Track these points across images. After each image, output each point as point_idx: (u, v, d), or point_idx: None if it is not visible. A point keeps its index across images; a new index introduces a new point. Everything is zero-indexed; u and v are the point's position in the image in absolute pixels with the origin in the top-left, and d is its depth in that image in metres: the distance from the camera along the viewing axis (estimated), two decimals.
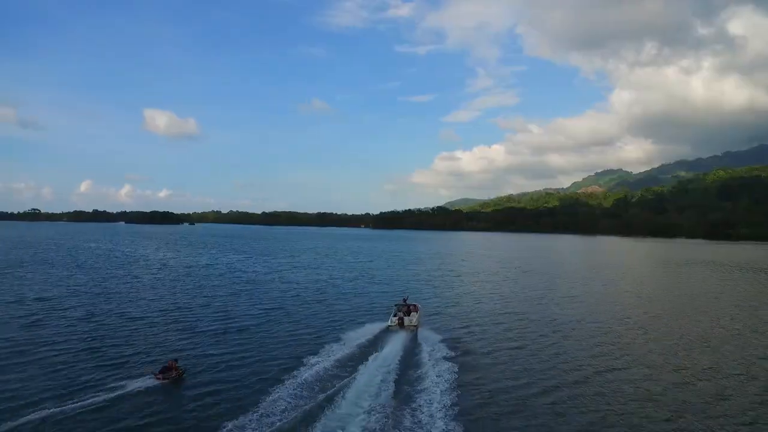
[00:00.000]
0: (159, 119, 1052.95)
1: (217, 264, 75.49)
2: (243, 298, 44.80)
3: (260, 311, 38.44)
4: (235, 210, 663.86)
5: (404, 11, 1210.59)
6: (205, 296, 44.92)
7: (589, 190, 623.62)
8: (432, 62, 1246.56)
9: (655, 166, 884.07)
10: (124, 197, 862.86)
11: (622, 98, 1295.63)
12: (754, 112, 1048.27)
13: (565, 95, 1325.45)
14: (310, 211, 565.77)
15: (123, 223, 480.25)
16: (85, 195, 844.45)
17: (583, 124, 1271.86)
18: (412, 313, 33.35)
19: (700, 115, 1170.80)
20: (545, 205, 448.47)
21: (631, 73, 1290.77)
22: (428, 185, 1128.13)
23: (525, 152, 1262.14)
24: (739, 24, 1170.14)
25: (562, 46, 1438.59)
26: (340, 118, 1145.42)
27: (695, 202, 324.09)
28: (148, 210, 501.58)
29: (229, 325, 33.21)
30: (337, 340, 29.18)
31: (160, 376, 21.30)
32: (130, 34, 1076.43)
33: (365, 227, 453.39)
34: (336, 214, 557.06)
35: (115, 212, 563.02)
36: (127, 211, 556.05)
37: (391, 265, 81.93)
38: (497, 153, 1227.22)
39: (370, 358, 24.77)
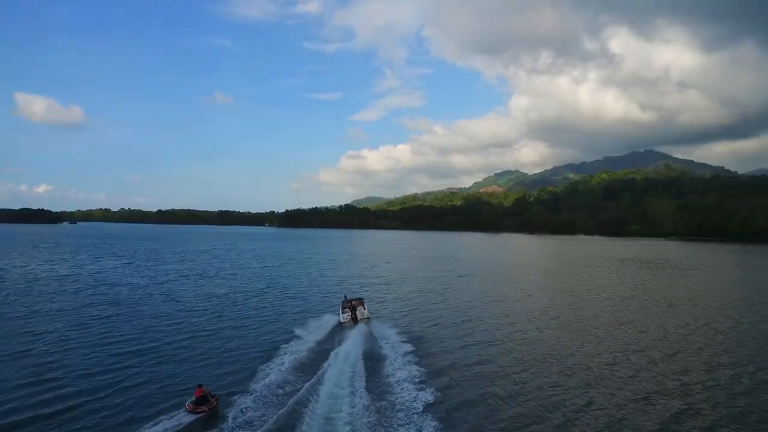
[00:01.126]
0: (35, 105, 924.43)
1: (79, 274, 56.14)
2: (96, 329, 29.16)
3: (117, 355, 24.17)
4: (127, 208, 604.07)
5: (313, 7, 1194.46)
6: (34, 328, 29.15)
7: (490, 189, 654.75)
8: (340, 60, 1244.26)
9: (548, 168, 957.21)
10: None
11: (520, 103, 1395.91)
12: (628, 123, 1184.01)
13: (469, 98, 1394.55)
14: (211, 210, 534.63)
15: None
16: None
17: (484, 127, 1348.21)
18: (358, 307, 33.64)
19: (586, 122, 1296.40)
20: (450, 204, 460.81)
21: (529, 80, 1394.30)
22: (334, 183, 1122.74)
23: (429, 152, 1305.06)
24: (618, 43, 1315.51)
25: (466, 50, 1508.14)
26: (245, 113, 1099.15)
27: (584, 202, 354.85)
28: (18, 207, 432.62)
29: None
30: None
31: (199, 408, 17.19)
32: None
33: (270, 226, 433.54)
34: (239, 212, 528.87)
35: None
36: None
37: (304, 270, 67.44)
38: (403, 153, 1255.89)
39: (332, 354, 24.36)
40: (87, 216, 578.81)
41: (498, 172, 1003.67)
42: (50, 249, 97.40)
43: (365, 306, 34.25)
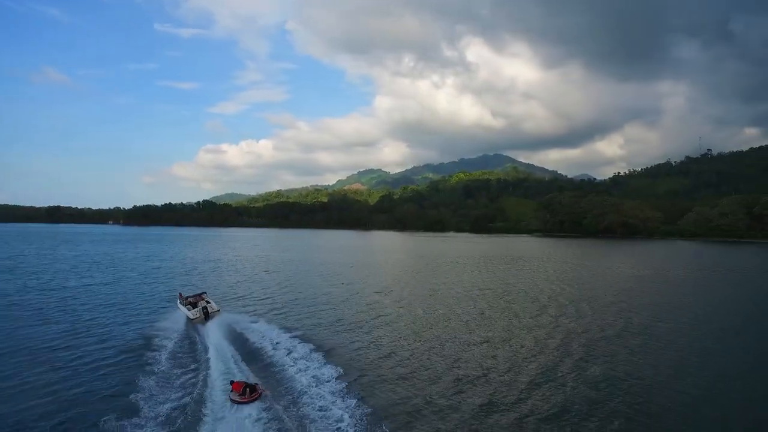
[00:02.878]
0: None
1: None
2: None
3: None
4: None
5: None
6: None
7: (353, 187, 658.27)
8: (197, 48, 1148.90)
9: (409, 167, 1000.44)
10: None
11: (383, 103, 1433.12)
12: (481, 128, 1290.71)
13: (334, 96, 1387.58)
14: (39, 205, 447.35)
15: None
16: None
17: (348, 125, 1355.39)
18: (201, 303, 32.45)
19: (444, 125, 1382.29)
20: (315, 201, 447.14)
21: (393, 82, 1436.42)
22: (191, 179, 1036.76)
23: (293, 149, 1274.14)
24: (473, 52, 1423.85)
25: (331, 48, 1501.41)
26: (85, 97, 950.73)
27: (446, 201, 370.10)
28: None
29: None
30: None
31: (245, 398, 17.52)
32: None
33: (114, 224, 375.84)
34: (76, 208, 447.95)
35: None
36: None
37: (148, 290, 43.92)
38: (265, 148, 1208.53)
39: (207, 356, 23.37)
40: None
41: (361, 170, 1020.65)
42: None
43: (209, 300, 33.46)
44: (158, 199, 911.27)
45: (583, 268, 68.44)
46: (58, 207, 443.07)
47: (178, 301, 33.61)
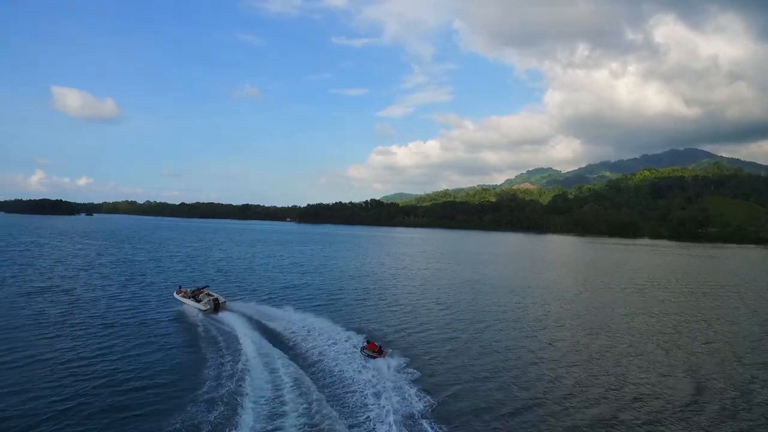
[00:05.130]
0: (70, 98, 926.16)
1: None
2: None
3: None
4: (153, 201, 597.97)
5: (341, 2, 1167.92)
6: None
7: (522, 186, 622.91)
8: (367, 56, 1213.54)
9: (582, 165, 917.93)
10: (36, 185, 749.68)
11: (554, 98, 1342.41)
12: (670, 118, 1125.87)
13: (500, 93, 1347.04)
14: (237, 203, 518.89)
15: (2, 213, 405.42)
16: None
17: (516, 123, 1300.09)
18: (206, 295, 34.17)
19: (623, 118, 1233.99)
20: (483, 200, 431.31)
21: (565, 74, 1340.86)
22: (363, 180, 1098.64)
23: (459, 148, 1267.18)
24: (663, 32, 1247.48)
25: (497, 43, 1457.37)
26: (273, 108, 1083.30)
27: (630, 201, 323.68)
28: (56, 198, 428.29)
29: None
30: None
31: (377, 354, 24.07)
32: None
33: (290, 221, 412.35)
34: (263, 206, 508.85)
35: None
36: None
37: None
38: (432, 148, 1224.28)
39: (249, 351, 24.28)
40: (113, 208, 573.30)
41: (530, 169, 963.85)
42: None
43: (211, 293, 35.15)
44: (331, 198, 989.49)
45: None
46: (248, 205, 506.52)
47: (179, 295, 34.91)
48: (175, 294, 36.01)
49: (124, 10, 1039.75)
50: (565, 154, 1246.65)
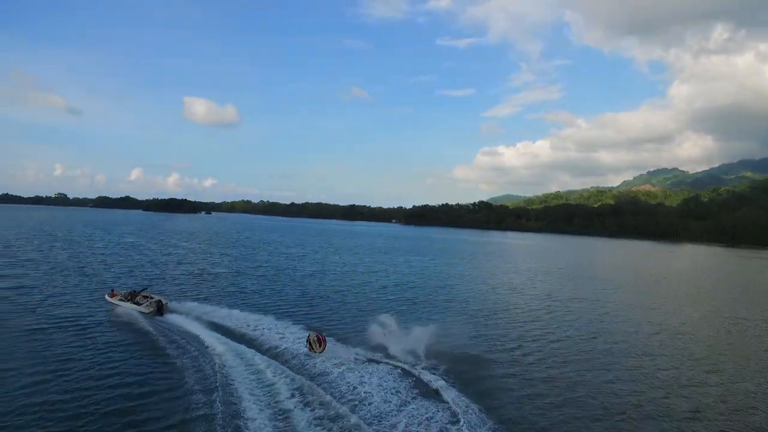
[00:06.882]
0: (198, 107, 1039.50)
1: None
2: None
3: None
4: (266, 201, 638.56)
5: (445, 3, 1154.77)
6: None
7: (644, 188, 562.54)
8: (472, 56, 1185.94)
9: (715, 164, 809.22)
10: (172, 186, 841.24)
11: (681, 91, 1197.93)
12: None
13: (616, 88, 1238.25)
14: (344, 203, 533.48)
15: (141, 211, 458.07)
16: (134, 182, 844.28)
17: (636, 119, 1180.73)
18: (144, 297, 32.66)
19: None
20: (601, 203, 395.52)
21: (696, 62, 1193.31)
22: (469, 180, 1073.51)
23: (571, 148, 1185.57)
24: None
25: (616, 34, 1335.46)
26: (379, 110, 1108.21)
27: None
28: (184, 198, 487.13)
29: None
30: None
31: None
32: (168, 22, 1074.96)
33: (395, 222, 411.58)
34: (368, 207, 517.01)
35: (142, 200, 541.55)
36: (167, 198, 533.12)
37: None
38: (541, 148, 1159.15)
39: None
40: (231, 207, 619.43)
41: (651, 169, 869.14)
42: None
43: (151, 294, 33.78)
44: (436, 199, 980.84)
45: None
46: (354, 206, 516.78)
47: (115, 299, 32.93)
48: (107, 297, 33.56)
49: (240, 22, 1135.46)
50: (693, 153, 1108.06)
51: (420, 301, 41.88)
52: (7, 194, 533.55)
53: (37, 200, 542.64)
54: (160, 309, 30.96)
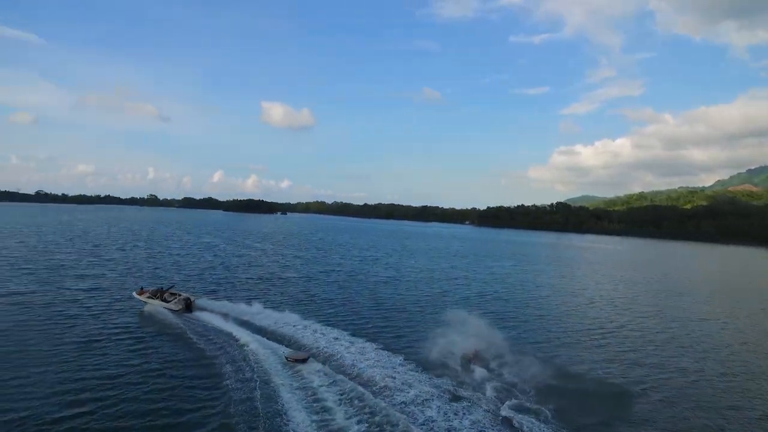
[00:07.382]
0: (275, 111, 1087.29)
1: None
2: None
3: None
4: (339, 201, 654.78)
5: None
6: None
7: (742, 188, 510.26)
8: (547, 52, 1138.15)
9: None
10: (251, 187, 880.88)
11: None
12: None
13: (711, 79, 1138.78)
14: (416, 204, 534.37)
15: (221, 211, 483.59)
16: (216, 184, 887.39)
17: (734, 112, 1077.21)
18: (171, 294, 32.67)
19: None
20: (694, 205, 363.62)
21: None
22: (544, 181, 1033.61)
23: (656, 146, 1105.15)
24: None
25: (711, 18, 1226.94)
26: (452, 110, 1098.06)
27: None
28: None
29: None
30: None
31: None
32: (246, 31, 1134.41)
33: (469, 224, 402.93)
34: (441, 208, 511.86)
35: (223, 200, 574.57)
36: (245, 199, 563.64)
37: None
38: (622, 147, 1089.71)
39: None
40: (306, 208, 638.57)
41: (752, 168, 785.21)
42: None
43: (178, 292, 33.91)
44: (510, 199, 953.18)
45: None
46: (426, 207, 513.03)
47: (143, 297, 32.94)
48: (135, 294, 33.96)
49: (312, 26, 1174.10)
50: None
51: (509, 317, 37.97)
52: (108, 195, 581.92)
53: (132, 201, 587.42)
54: (188, 306, 31.42)
